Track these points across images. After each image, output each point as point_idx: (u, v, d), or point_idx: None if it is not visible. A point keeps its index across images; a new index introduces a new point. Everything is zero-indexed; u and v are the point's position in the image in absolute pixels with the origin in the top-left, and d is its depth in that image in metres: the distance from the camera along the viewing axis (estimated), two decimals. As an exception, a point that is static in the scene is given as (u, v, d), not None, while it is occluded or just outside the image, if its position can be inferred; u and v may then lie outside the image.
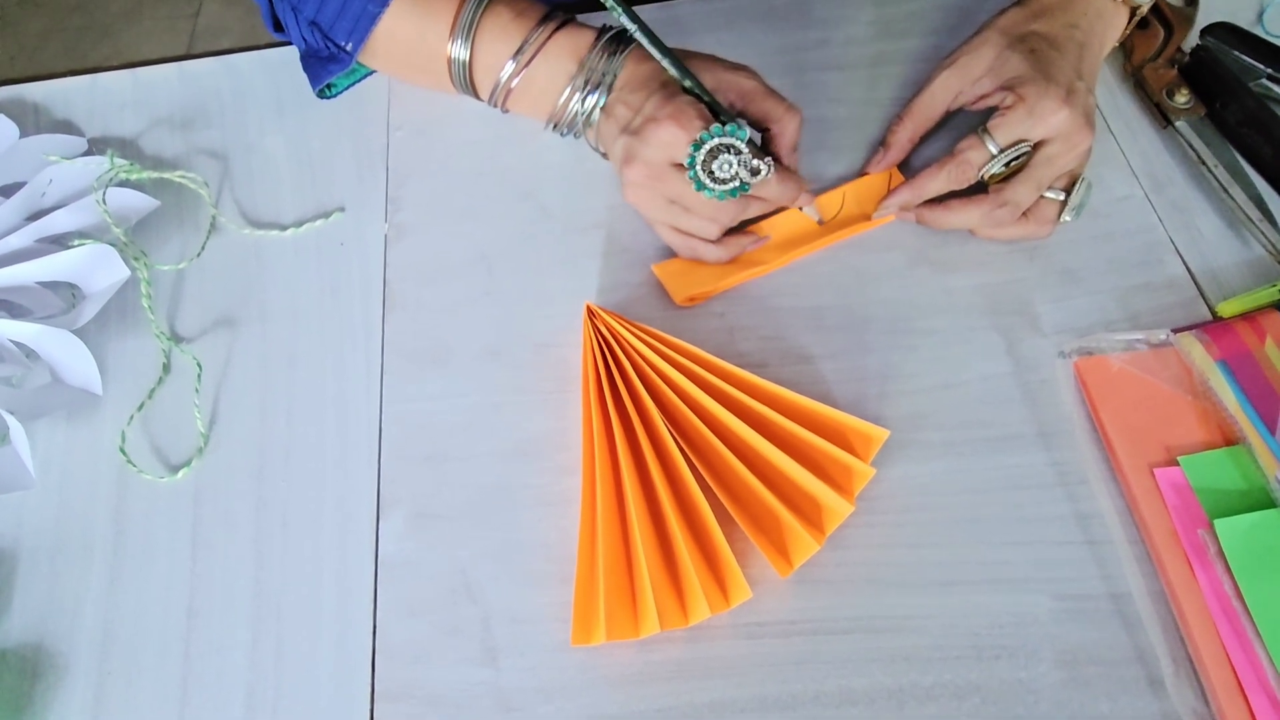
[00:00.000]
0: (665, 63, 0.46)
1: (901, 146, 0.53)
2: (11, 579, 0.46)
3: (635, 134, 0.47)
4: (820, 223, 0.53)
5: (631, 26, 0.46)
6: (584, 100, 0.49)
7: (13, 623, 0.45)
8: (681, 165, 0.46)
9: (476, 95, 0.53)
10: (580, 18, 0.51)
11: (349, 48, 0.53)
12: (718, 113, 0.47)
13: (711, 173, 0.45)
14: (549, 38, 0.49)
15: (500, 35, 0.50)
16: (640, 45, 0.47)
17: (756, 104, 0.49)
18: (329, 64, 0.55)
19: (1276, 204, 0.51)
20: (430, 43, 0.51)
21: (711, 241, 0.50)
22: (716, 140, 0.45)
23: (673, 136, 0.45)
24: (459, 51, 0.51)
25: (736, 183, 0.46)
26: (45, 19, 1.84)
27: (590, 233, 0.54)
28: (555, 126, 0.51)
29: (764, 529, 0.44)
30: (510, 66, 0.50)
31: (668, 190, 0.48)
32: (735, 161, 0.45)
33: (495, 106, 0.53)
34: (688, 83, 0.47)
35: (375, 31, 0.52)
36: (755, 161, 0.46)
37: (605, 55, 0.49)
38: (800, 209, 0.52)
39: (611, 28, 0.50)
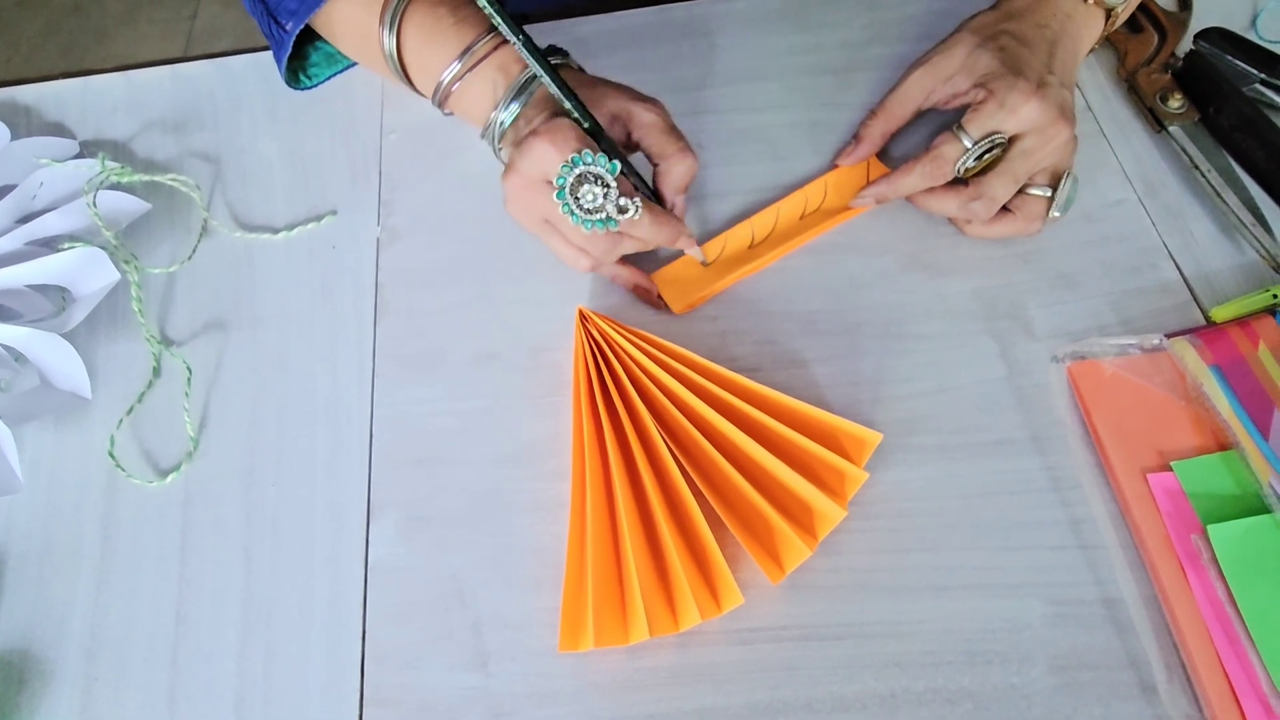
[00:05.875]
0: (545, 80, 0.45)
1: (873, 140, 0.54)
2: (-1, 584, 0.46)
3: (518, 146, 0.46)
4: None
5: (514, 39, 0.44)
6: (500, 115, 0.48)
7: None
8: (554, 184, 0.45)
9: (420, 93, 0.52)
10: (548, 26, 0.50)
11: (289, 27, 0.52)
12: (601, 140, 0.46)
13: (578, 199, 0.44)
14: (492, 50, 0.48)
15: (439, 39, 0.49)
16: (566, 67, 0.46)
17: (652, 138, 0.48)
18: (277, 50, 0.54)
19: (1270, 209, 0.51)
20: (374, 36, 0.50)
21: (605, 265, 0.49)
22: (584, 167, 0.43)
23: (545, 152, 0.44)
24: (388, 42, 0.50)
25: (602, 215, 0.44)
26: (42, 21, 1.84)
27: (583, 236, 0.54)
28: (484, 137, 0.50)
29: (756, 534, 0.44)
30: (451, 71, 0.48)
31: (542, 208, 0.46)
32: (601, 194, 0.44)
33: (438, 108, 0.52)
34: (568, 104, 0.45)
35: (331, 18, 0.51)
36: (623, 199, 0.44)
37: (529, 74, 0.47)
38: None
39: (554, 46, 0.50)
